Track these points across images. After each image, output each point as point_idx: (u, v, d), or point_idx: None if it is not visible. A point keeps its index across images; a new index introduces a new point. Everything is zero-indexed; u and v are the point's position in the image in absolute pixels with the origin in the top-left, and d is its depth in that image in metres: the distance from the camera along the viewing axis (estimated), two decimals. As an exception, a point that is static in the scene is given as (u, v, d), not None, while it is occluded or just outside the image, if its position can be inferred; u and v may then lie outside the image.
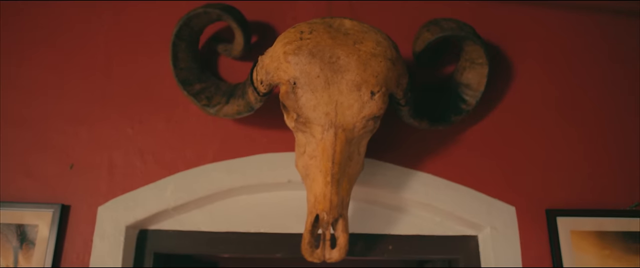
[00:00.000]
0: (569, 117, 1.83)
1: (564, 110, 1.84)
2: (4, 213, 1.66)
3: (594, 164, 1.79)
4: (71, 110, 1.78)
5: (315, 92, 1.38)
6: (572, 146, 1.80)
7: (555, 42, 1.91)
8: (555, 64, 1.88)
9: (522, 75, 1.86)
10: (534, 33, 1.92)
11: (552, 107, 1.84)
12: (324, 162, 1.41)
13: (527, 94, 1.84)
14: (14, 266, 1.62)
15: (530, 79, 1.86)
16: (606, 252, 1.70)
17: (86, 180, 1.72)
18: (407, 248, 1.78)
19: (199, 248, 1.77)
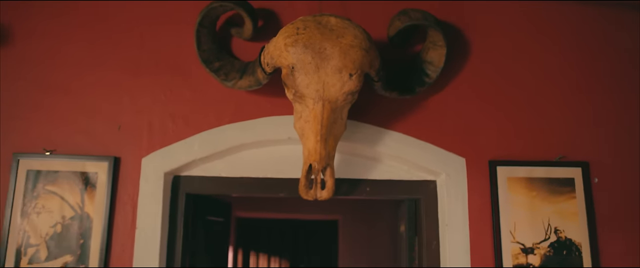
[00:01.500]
0: (509, 88, 2.32)
1: (506, 82, 2.32)
2: (71, 164, 2.18)
3: (528, 125, 2.29)
4: (115, 82, 2.27)
5: (308, 75, 1.88)
6: (511, 111, 2.30)
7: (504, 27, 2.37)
8: (502, 45, 2.36)
9: (475, 54, 2.34)
10: (487, 20, 2.38)
11: (496, 80, 2.32)
12: (315, 125, 1.92)
13: (478, 69, 2.32)
14: (81, 204, 2.16)
15: (481, 56, 2.34)
16: (534, 193, 2.23)
17: (131, 138, 2.23)
18: (381, 189, 2.31)
19: (219, 189, 2.31)
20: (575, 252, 2.18)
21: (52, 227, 2.15)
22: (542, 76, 2.34)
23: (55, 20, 2.32)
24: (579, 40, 2.39)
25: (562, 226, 2.21)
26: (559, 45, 2.38)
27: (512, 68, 2.34)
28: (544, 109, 2.32)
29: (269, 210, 5.36)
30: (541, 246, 2.18)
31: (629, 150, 2.31)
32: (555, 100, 2.33)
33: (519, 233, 2.19)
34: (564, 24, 2.39)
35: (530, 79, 2.34)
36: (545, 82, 2.34)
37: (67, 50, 2.30)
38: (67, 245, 2.13)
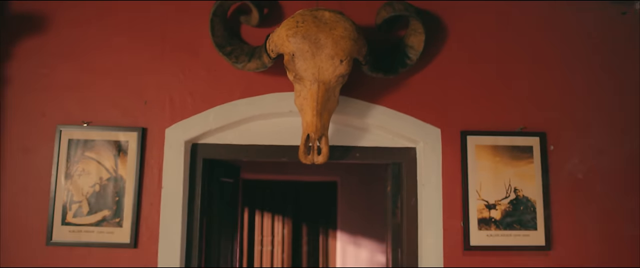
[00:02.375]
0: (479, 69, 2.70)
1: (476, 64, 2.71)
2: (105, 134, 2.59)
3: (495, 100, 2.69)
4: (141, 64, 2.66)
5: (305, 61, 2.27)
6: (481, 88, 2.69)
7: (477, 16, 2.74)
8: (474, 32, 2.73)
9: (451, 39, 2.72)
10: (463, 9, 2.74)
11: (469, 62, 2.71)
12: (311, 102, 2.32)
13: (453, 53, 2.71)
14: (115, 167, 2.58)
15: (456, 41, 2.72)
16: (498, 159, 2.65)
17: (156, 112, 2.64)
18: (369, 155, 2.73)
19: (231, 155, 2.73)
20: (531, 207, 2.61)
21: (92, 186, 2.58)
22: (508, 58, 2.73)
23: (93, 11, 2.69)
24: (541, 26, 2.76)
25: (520, 186, 2.63)
26: (523, 31, 2.75)
27: (483, 52, 2.72)
28: (509, 86, 2.71)
29: (273, 172, 5.81)
30: (502, 203, 2.61)
31: (581, 122, 2.71)
32: (519, 79, 2.72)
33: (484, 192, 2.61)
34: (528, 12, 2.76)
35: (497, 61, 2.72)
36: (510, 63, 2.72)
37: (102, 37, 2.68)
38: (105, 202, 2.57)
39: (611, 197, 2.67)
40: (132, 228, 2.54)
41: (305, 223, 6.14)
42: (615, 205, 2.66)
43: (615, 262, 2.62)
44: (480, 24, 2.75)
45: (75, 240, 2.54)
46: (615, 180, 2.68)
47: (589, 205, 2.65)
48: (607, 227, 2.65)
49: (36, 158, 2.61)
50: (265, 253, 6.03)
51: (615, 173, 2.69)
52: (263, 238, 6.04)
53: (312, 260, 6.06)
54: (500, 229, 2.60)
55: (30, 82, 2.65)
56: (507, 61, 2.73)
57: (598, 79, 2.75)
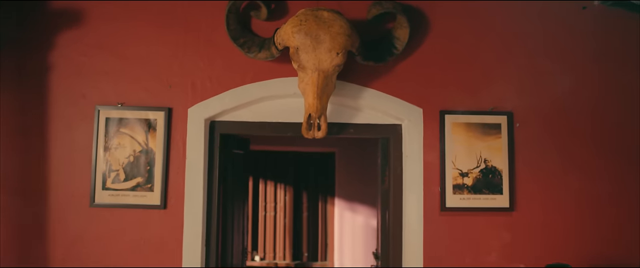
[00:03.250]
0: (456, 57, 3.17)
1: (454, 53, 3.17)
2: (137, 113, 3.07)
3: (469, 85, 3.16)
4: (167, 53, 3.13)
5: (307, 53, 2.74)
6: (457, 74, 3.16)
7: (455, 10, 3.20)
8: (453, 25, 3.19)
9: (432, 32, 3.18)
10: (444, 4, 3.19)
11: (448, 51, 3.17)
12: (312, 87, 2.80)
13: (434, 43, 3.17)
14: (146, 141, 3.07)
15: (437, 34, 3.18)
16: (470, 134, 3.13)
17: (179, 94, 3.11)
18: (361, 131, 3.22)
19: (244, 130, 3.21)
20: (498, 175, 3.12)
21: (127, 157, 3.08)
22: (481, 48, 3.19)
23: (124, 7, 3.15)
24: (509, 21, 3.22)
25: (490, 157, 3.13)
26: (494, 25, 3.21)
27: (459, 43, 3.19)
28: (481, 72, 3.18)
29: (276, 144, 6.31)
30: (474, 171, 3.12)
31: (543, 103, 3.19)
32: (490, 66, 3.19)
33: (458, 162, 3.11)
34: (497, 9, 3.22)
35: (472, 50, 3.19)
36: (483, 52, 3.19)
37: (133, 30, 3.14)
38: (138, 170, 3.07)
39: (567, 167, 3.17)
40: (162, 192, 3.05)
41: (306, 191, 6.66)
42: (570, 174, 3.16)
43: (568, 221, 3.14)
44: (457, 19, 3.20)
45: (114, 202, 3.05)
46: (571, 153, 3.18)
47: (547, 174, 3.16)
48: (562, 192, 3.15)
49: (78, 134, 3.10)
50: (268, 218, 6.58)
51: (572, 147, 3.18)
52: (267, 205, 6.58)
53: (311, 225, 6.61)
54: (471, 193, 3.11)
55: (71, 68, 3.12)
56: (480, 51, 3.19)
57: (558, 66, 3.22)
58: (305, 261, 6.54)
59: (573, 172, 3.17)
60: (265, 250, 6.54)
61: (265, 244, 6.54)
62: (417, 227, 3.10)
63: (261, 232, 6.53)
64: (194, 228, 3.05)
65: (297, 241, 6.58)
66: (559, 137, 3.19)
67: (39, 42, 3.12)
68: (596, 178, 3.17)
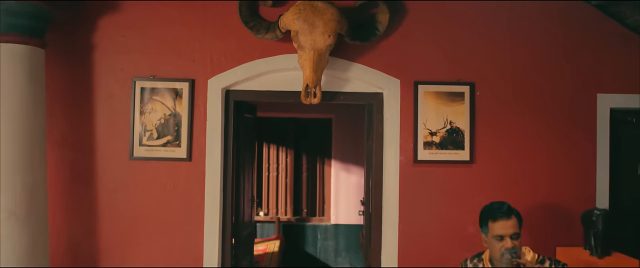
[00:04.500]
0: (428, 37, 3.89)
1: (426, 34, 3.89)
2: (166, 84, 3.81)
3: (439, 60, 3.89)
4: (191, 34, 3.85)
5: (305, 36, 3.47)
6: (429, 50, 3.89)
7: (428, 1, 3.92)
8: (426, 10, 3.90)
9: (409, 17, 3.89)
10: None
11: (421, 32, 3.89)
12: (309, 63, 3.54)
13: (409, 26, 3.89)
14: (174, 106, 3.81)
15: (412, 18, 3.89)
16: (439, 101, 3.88)
17: (201, 68, 3.85)
18: (350, 98, 3.96)
19: (253, 98, 3.96)
20: (461, 134, 3.87)
21: (158, 120, 3.83)
22: (449, 29, 3.92)
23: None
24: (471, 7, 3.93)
25: (454, 120, 3.88)
26: (460, 9, 3.93)
27: (431, 25, 3.91)
28: (449, 49, 3.91)
29: (279, 111, 7.06)
30: (441, 131, 3.87)
31: (501, 75, 3.92)
32: (457, 43, 3.91)
33: (428, 124, 3.87)
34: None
35: (441, 31, 3.91)
36: (451, 32, 3.91)
37: (159, 13, 3.86)
38: (168, 130, 3.82)
39: (518, 128, 3.92)
40: (187, 148, 3.82)
41: (305, 154, 7.44)
42: (520, 134, 3.92)
43: (517, 171, 3.91)
44: (429, 7, 3.91)
45: (149, 156, 3.82)
46: (521, 117, 3.92)
47: (501, 134, 3.91)
48: (513, 148, 3.91)
49: (118, 101, 3.85)
50: (271, 179, 7.38)
51: (522, 112, 3.93)
52: (270, 166, 7.37)
53: (310, 184, 7.41)
54: (439, 149, 3.87)
55: (112, 47, 3.85)
56: (448, 31, 3.92)
57: (515, 44, 3.94)
58: (305, 216, 7.36)
59: (522, 132, 3.93)
60: (268, 207, 7.36)
61: (269, 201, 7.36)
62: (394, 176, 3.88)
63: (265, 191, 7.34)
64: (214, 177, 3.82)
65: (297, 199, 7.39)
66: (512, 104, 3.93)
67: (84, 24, 3.84)
68: (540, 137, 3.93)
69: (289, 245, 7.24)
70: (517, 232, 2.82)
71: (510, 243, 2.79)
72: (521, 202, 3.75)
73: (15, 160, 3.26)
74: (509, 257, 2.74)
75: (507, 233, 2.81)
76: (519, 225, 2.85)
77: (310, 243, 7.28)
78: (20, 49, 3.34)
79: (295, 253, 7.26)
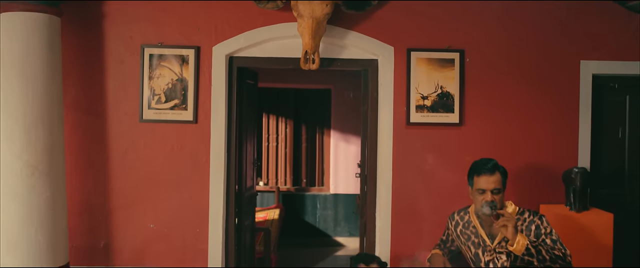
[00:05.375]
0: (420, 7, 4.38)
1: (418, 4, 4.38)
2: (173, 50, 4.30)
3: (430, 27, 4.38)
4: (194, 3, 4.34)
5: (304, 5, 3.97)
6: (421, 18, 4.38)
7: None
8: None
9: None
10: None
11: (413, 3, 4.38)
12: (308, 30, 4.04)
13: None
14: (181, 72, 4.31)
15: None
16: (430, 67, 4.38)
17: (205, 35, 4.34)
18: (346, 64, 4.47)
19: (255, 64, 4.47)
20: (451, 98, 4.38)
21: (166, 85, 4.33)
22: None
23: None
24: (464, -23, 4.43)
25: (445, 85, 4.38)
26: (451, -20, 4.43)
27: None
28: (440, 18, 4.40)
29: (279, 81, 7.56)
30: (432, 95, 4.38)
31: (490, 43, 4.42)
32: (447, 13, 4.40)
33: (420, 88, 4.37)
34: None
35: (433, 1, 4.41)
36: (443, 1, 4.40)
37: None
38: (175, 95, 4.33)
39: (505, 93, 4.43)
40: (194, 111, 4.33)
41: (304, 124, 7.96)
42: (506, 99, 4.43)
43: (504, 133, 4.43)
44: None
45: (157, 118, 4.33)
46: (508, 83, 4.43)
47: (489, 98, 4.42)
48: (500, 112, 4.43)
49: (128, 67, 4.35)
50: (271, 149, 7.91)
51: (509, 78, 4.43)
52: (269, 136, 7.90)
53: (309, 154, 7.95)
54: (430, 112, 4.38)
55: (121, 16, 4.34)
56: (440, 2, 4.40)
57: (504, 13, 4.43)
58: (304, 186, 7.91)
59: (509, 97, 4.43)
60: (268, 177, 7.91)
61: (268, 171, 7.91)
62: (388, 138, 4.40)
63: (265, 161, 7.88)
64: (218, 138, 4.34)
65: (297, 169, 7.93)
66: (500, 69, 4.43)
67: (95, -5, 4.35)
68: (526, 101, 4.44)
69: (289, 215, 7.81)
70: (498, 187, 3.30)
71: (490, 197, 3.28)
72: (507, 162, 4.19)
73: (36, 120, 3.76)
74: (489, 209, 3.24)
75: (489, 188, 3.30)
76: (503, 181, 3.33)
77: (310, 212, 7.85)
78: (39, 17, 3.83)
79: (295, 222, 7.83)
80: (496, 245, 3.31)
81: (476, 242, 3.42)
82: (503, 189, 3.32)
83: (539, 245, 3.12)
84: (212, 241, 4.36)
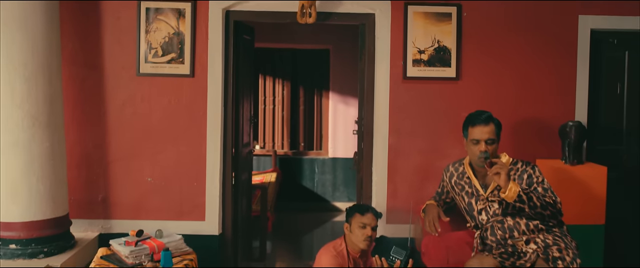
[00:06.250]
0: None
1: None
2: (171, 4, 4.60)
3: (427, -19, 4.69)
4: (191, -45, 4.64)
5: (301, -43, 4.26)
6: (418, -27, 4.69)
7: None
8: None
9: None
10: None
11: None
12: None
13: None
14: (178, 26, 4.61)
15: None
16: (427, 21, 4.68)
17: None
18: (343, 18, 4.77)
19: (252, 18, 4.77)
20: (448, 53, 4.69)
21: (163, 38, 4.64)
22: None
23: None
24: None
25: (442, 39, 4.69)
26: None
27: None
28: (437, -28, 4.71)
29: (275, 41, 7.85)
30: (429, 49, 4.69)
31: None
32: (445, -34, 4.71)
33: (417, 43, 4.68)
34: None
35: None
36: (439, -45, 4.70)
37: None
38: (172, 48, 4.64)
39: (502, 47, 4.74)
40: (191, 65, 4.64)
41: (302, 86, 8.28)
42: (503, 53, 4.74)
43: (500, 87, 4.75)
44: None
45: (154, 72, 4.65)
46: (506, 37, 4.73)
47: (487, 52, 4.73)
48: (496, 66, 4.74)
49: (125, 21, 4.65)
50: (267, 111, 8.25)
51: (506, 32, 4.73)
52: (266, 98, 8.23)
53: (307, 117, 8.29)
54: (426, 66, 4.70)
55: (117, -32, 4.65)
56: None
57: (499, -34, 4.74)
58: (302, 150, 8.26)
59: (507, 51, 4.75)
60: (265, 140, 8.26)
61: (265, 135, 8.25)
62: (385, 92, 4.72)
63: (261, 124, 8.23)
64: (215, 92, 4.67)
65: (294, 132, 8.28)
66: (498, 24, 4.74)
67: (91, -53, 4.63)
68: (524, 56, 4.75)
69: (286, 179, 8.16)
70: (492, 138, 3.61)
71: (484, 147, 3.61)
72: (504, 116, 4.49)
73: (36, 71, 4.07)
74: (483, 159, 3.57)
75: (483, 138, 3.61)
76: (497, 133, 3.64)
77: (308, 177, 8.21)
78: (37, -30, 4.13)
79: (292, 187, 8.19)
80: (489, 194, 3.64)
81: (470, 192, 3.75)
82: (497, 140, 3.63)
83: (531, 192, 3.42)
84: (209, 194, 4.71)
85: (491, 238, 3.57)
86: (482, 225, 3.67)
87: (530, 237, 3.48)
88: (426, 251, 3.93)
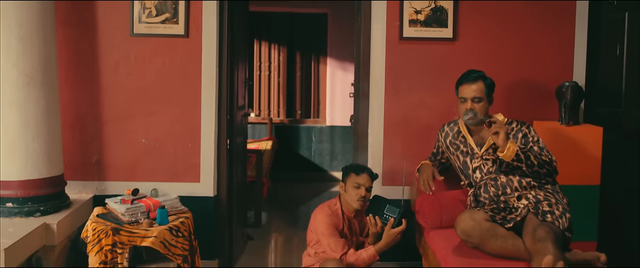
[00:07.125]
0: None
1: None
2: (164, -38, 4.88)
3: (425, -60, 4.95)
4: None
5: None
6: None
7: None
8: None
9: None
10: None
11: None
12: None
13: None
14: None
15: None
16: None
17: (196, -53, 4.91)
18: (340, -22, 5.04)
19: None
20: (445, 13, 4.96)
21: None
22: None
23: None
24: None
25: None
26: None
27: None
28: None
29: (270, 5, 8.10)
30: (426, 10, 4.96)
31: (483, -45, 4.99)
32: None
33: (414, 3, 4.95)
34: None
35: None
36: None
37: None
38: (166, 8, 4.91)
39: (501, 8, 5.01)
40: (185, 25, 4.92)
41: (299, 51, 8.55)
42: (501, 14, 5.01)
43: (497, 49, 5.03)
44: None
45: (148, 32, 4.93)
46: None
47: (484, 12, 5.00)
48: (494, 27, 5.02)
49: (118, -21, 4.93)
50: (263, 78, 8.53)
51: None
52: (261, 64, 8.50)
53: (304, 84, 8.57)
54: (423, 27, 4.97)
55: None
56: None
57: None
58: (299, 118, 8.55)
59: (504, 12, 5.01)
60: (260, 108, 8.55)
61: (260, 102, 8.53)
62: (381, 53, 5.01)
63: (256, 90, 8.51)
64: (210, 52, 4.95)
65: (291, 99, 8.56)
66: (495, -17, 5.02)
67: None
68: (522, 17, 5.02)
69: (282, 147, 8.47)
70: (480, 96, 3.89)
71: (469, 105, 3.90)
72: (501, 78, 4.85)
73: (31, 31, 4.35)
74: (470, 116, 3.86)
75: (469, 96, 3.91)
76: (486, 92, 3.93)
77: (304, 145, 8.52)
78: None
79: (288, 156, 8.51)
80: (484, 152, 3.94)
81: (464, 151, 4.05)
82: (487, 99, 3.92)
83: (528, 151, 3.72)
84: (204, 156, 5.02)
85: (484, 195, 3.87)
86: (475, 183, 3.96)
87: (522, 193, 3.77)
88: (420, 209, 4.22)
